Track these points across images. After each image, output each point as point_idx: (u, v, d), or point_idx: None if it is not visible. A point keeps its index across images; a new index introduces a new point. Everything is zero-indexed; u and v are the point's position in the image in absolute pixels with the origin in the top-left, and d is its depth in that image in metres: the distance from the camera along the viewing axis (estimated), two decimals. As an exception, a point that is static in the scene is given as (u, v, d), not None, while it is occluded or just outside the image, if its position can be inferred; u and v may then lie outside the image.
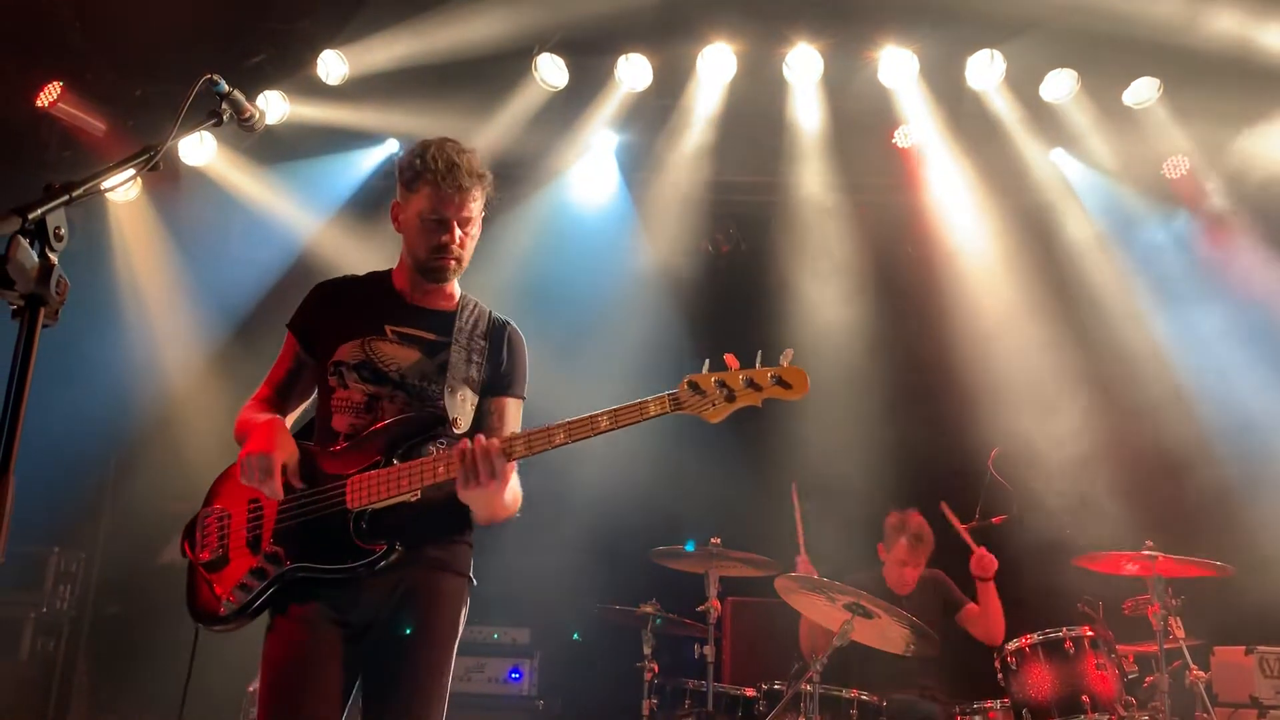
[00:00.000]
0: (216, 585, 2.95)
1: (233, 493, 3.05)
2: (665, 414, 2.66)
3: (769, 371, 2.63)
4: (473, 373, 3.03)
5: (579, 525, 6.65)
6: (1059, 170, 7.45)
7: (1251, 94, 6.55)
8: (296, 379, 3.17)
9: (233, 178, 7.33)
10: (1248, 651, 5.86)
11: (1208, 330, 7.00)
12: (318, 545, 2.84)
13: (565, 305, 6.85)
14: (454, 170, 2.96)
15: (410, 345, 3.03)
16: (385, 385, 2.97)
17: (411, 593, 2.88)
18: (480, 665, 6.57)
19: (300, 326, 3.17)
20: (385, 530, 2.83)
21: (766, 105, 7.22)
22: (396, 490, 2.79)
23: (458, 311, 3.13)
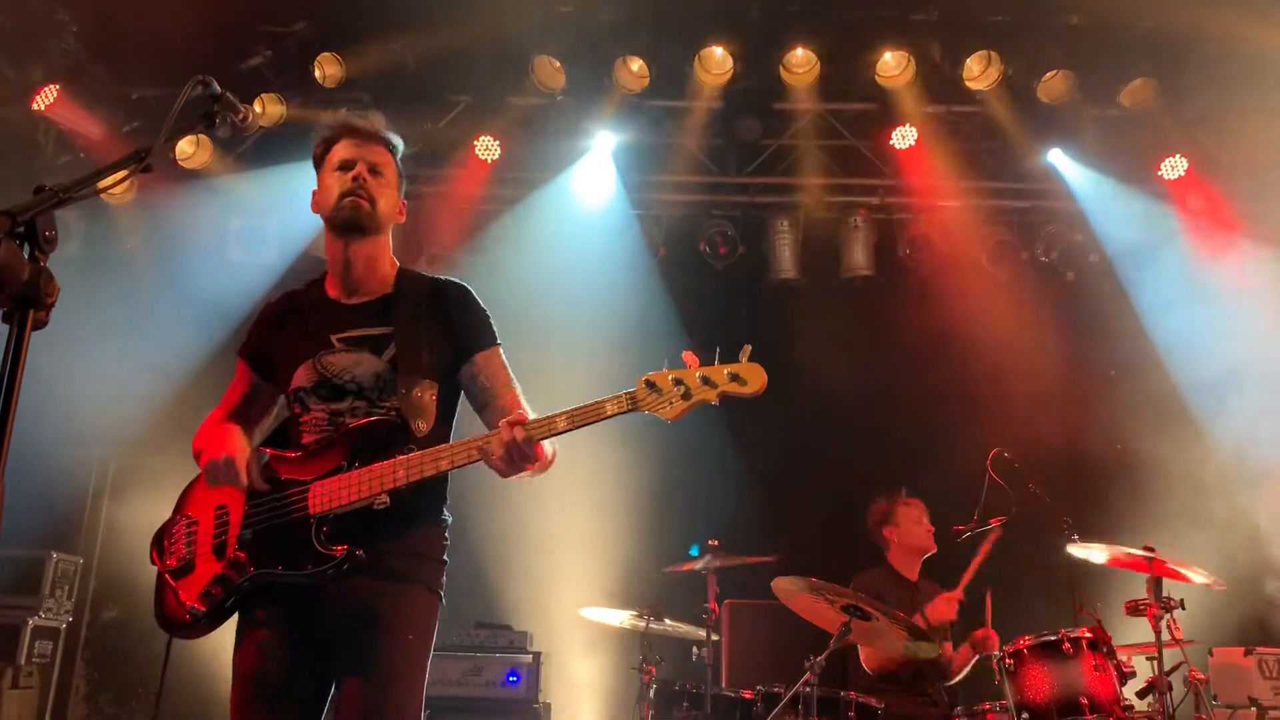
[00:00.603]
0: (182, 592, 2.94)
1: (200, 500, 3.04)
2: (624, 413, 2.64)
3: (725, 368, 2.62)
4: (424, 360, 2.95)
5: (578, 527, 6.64)
6: (1055, 170, 7.45)
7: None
8: (251, 403, 3.16)
9: (230, 181, 7.33)
10: (1246, 653, 5.87)
11: (1208, 332, 7.01)
12: (280, 551, 2.82)
13: (562, 308, 6.85)
14: (357, 120, 3.05)
15: (358, 348, 2.97)
16: (344, 399, 2.94)
17: (376, 606, 2.81)
18: (478, 668, 6.54)
19: (250, 355, 3.17)
20: (347, 535, 2.79)
21: (764, 106, 7.24)
22: (357, 495, 2.77)
23: (395, 293, 3.06)
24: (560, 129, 7.29)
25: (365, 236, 3.01)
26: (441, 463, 2.75)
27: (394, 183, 3.09)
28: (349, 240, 3.00)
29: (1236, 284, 7.15)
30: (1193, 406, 7.16)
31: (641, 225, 7.69)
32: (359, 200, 2.97)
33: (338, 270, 3.06)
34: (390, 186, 3.06)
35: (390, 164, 3.09)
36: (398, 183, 3.11)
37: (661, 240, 7.83)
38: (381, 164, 3.05)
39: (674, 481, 6.53)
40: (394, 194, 3.08)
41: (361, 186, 2.98)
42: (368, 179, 3.00)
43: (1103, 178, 7.36)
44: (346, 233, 3.00)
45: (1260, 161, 7.05)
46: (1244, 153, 7.18)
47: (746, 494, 7.01)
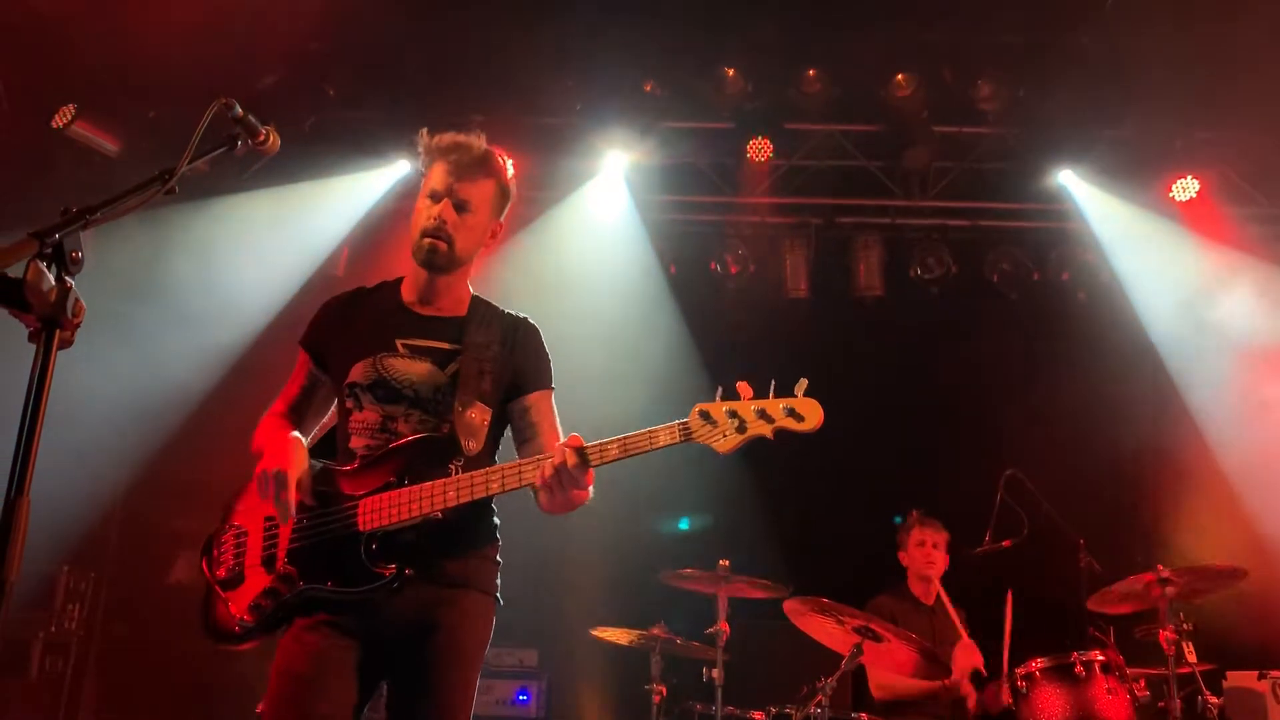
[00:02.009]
0: (232, 604, 2.93)
1: (249, 510, 3.03)
2: (676, 444, 2.62)
3: (781, 403, 2.57)
4: (485, 385, 2.97)
5: (588, 545, 6.64)
6: (1066, 191, 7.48)
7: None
8: (311, 396, 3.16)
9: (249, 196, 7.38)
10: (1260, 676, 5.83)
11: (1217, 350, 7.02)
12: (329, 567, 2.83)
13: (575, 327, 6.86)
14: (457, 148, 2.99)
15: (422, 358, 2.99)
16: (400, 404, 2.95)
17: (432, 612, 2.84)
18: (487, 687, 6.53)
19: (312, 344, 3.16)
20: (399, 551, 2.80)
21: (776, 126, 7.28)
22: (408, 514, 2.77)
23: (469, 317, 3.08)
24: (574, 148, 7.33)
25: (445, 273, 3.06)
26: (493, 485, 2.76)
27: (486, 212, 3.05)
28: (429, 272, 3.06)
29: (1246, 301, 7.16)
30: (1205, 426, 7.15)
31: (653, 244, 7.72)
32: (437, 244, 2.97)
33: (418, 284, 3.09)
34: (479, 218, 3.03)
35: (486, 193, 3.03)
36: (493, 209, 3.07)
37: (673, 259, 7.86)
38: (473, 197, 3.01)
39: (685, 500, 6.54)
40: (482, 225, 3.05)
41: (441, 228, 2.97)
42: (450, 218, 2.98)
43: (1113, 199, 7.38)
44: (424, 267, 3.04)
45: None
46: (1257, 173, 7.22)
47: (758, 513, 7.00)
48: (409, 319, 3.06)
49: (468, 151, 3.01)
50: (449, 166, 2.99)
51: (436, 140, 3.04)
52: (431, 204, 3.00)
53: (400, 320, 3.06)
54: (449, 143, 3.02)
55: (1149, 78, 6.64)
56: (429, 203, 3.00)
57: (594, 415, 3.04)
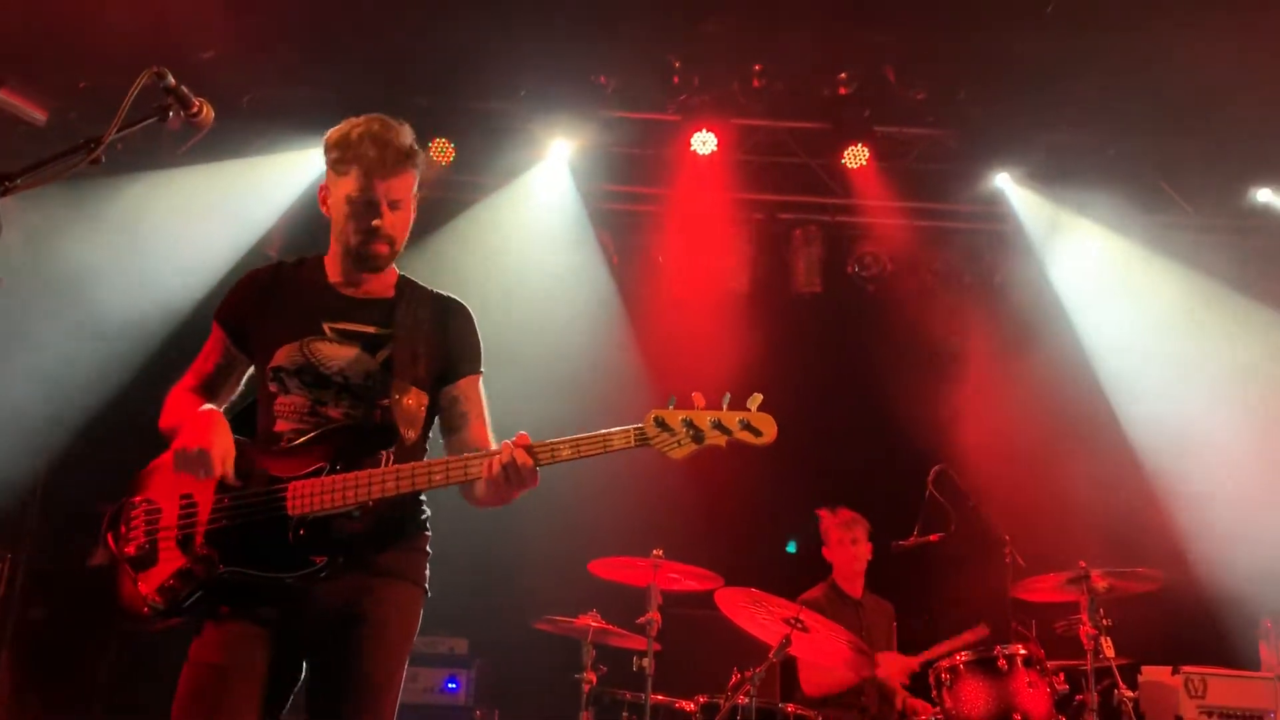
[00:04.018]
0: (141, 583, 2.81)
1: (163, 485, 2.89)
2: (630, 448, 2.62)
3: (737, 415, 2.59)
4: (420, 369, 2.91)
5: (520, 534, 6.61)
6: (1002, 193, 7.62)
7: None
8: (226, 374, 3.05)
9: (184, 172, 7.22)
10: (1174, 671, 6.00)
11: (1143, 350, 7.22)
12: (253, 550, 2.73)
13: (513, 313, 6.83)
14: (383, 150, 2.85)
15: (350, 342, 2.91)
16: (328, 389, 2.87)
17: (359, 602, 2.77)
18: (416, 675, 6.48)
19: (230, 321, 3.04)
20: (329, 538, 2.73)
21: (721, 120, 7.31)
22: (341, 501, 2.70)
23: (397, 298, 3.00)
24: (517, 135, 7.28)
25: (383, 270, 3.00)
26: (435, 477, 2.71)
27: (411, 202, 2.96)
28: (365, 271, 2.97)
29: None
30: (1130, 429, 7.35)
31: (596, 233, 7.71)
32: (379, 249, 2.90)
33: (345, 270, 2.99)
34: (408, 210, 2.96)
35: (412, 184, 2.95)
36: (414, 196, 2.97)
37: (616, 249, 7.86)
38: (403, 193, 2.92)
39: (619, 492, 6.52)
40: (411, 215, 2.98)
41: (380, 231, 2.88)
42: (389, 219, 2.90)
43: (1048, 202, 7.53)
44: (362, 269, 2.96)
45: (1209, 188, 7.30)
46: (1184, 182, 7.42)
47: (691, 507, 7.03)
48: (336, 301, 2.97)
49: (390, 148, 2.87)
50: (377, 167, 2.85)
51: (357, 138, 2.86)
52: (367, 210, 2.87)
53: (327, 302, 2.96)
54: (370, 145, 2.85)
55: (1086, 83, 6.77)
56: (362, 207, 2.87)
57: (532, 405, 3.02)
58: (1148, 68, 6.51)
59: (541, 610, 5.54)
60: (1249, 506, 6.74)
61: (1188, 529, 7.01)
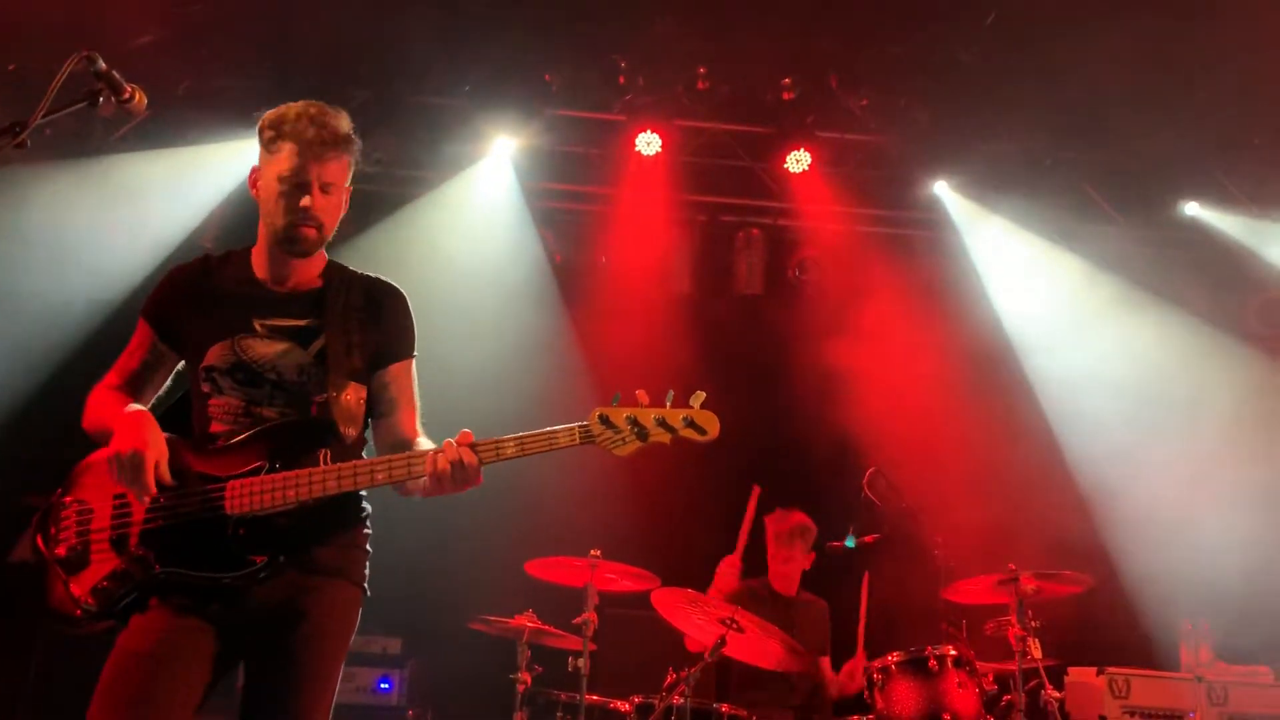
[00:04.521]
0: (73, 585, 2.74)
1: (95, 485, 2.82)
2: (575, 446, 2.61)
3: (681, 413, 2.60)
4: (356, 361, 2.87)
5: (456, 532, 6.56)
6: (940, 201, 7.75)
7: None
8: (152, 371, 2.97)
9: (118, 159, 7.05)
10: (1099, 672, 6.13)
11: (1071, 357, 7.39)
12: (190, 550, 2.68)
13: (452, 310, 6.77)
14: (320, 130, 2.80)
15: (282, 338, 2.85)
16: (262, 388, 2.82)
17: (299, 601, 2.73)
18: (349, 674, 6.40)
19: (157, 319, 2.96)
20: (267, 537, 2.69)
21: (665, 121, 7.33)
22: (281, 500, 2.66)
23: (326, 287, 2.94)
24: (461, 130, 7.23)
25: (309, 258, 2.93)
26: (378, 476, 2.68)
27: (343, 187, 2.90)
28: (294, 257, 2.91)
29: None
30: (1061, 434, 7.51)
31: (539, 231, 7.68)
32: (307, 232, 2.83)
33: (272, 260, 2.92)
34: (339, 195, 2.89)
35: (343, 167, 2.88)
36: (346, 180, 2.92)
37: (558, 247, 7.85)
38: (335, 177, 2.85)
39: (556, 493, 6.51)
40: (342, 201, 2.91)
41: (309, 214, 2.81)
42: (319, 203, 2.83)
43: (985, 210, 7.68)
44: (291, 254, 2.89)
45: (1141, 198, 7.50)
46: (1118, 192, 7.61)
47: (629, 507, 7.04)
48: (265, 296, 2.91)
49: (327, 129, 2.81)
50: (308, 148, 2.79)
51: (292, 116, 2.81)
52: (297, 191, 2.80)
53: (256, 298, 2.90)
54: (306, 123, 2.80)
55: (1024, 94, 6.90)
56: (292, 188, 2.80)
57: (472, 403, 2.99)
58: (1084, 80, 6.66)
59: (477, 610, 5.51)
60: (1171, 510, 6.92)
61: (1113, 533, 7.19)
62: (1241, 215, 7.54)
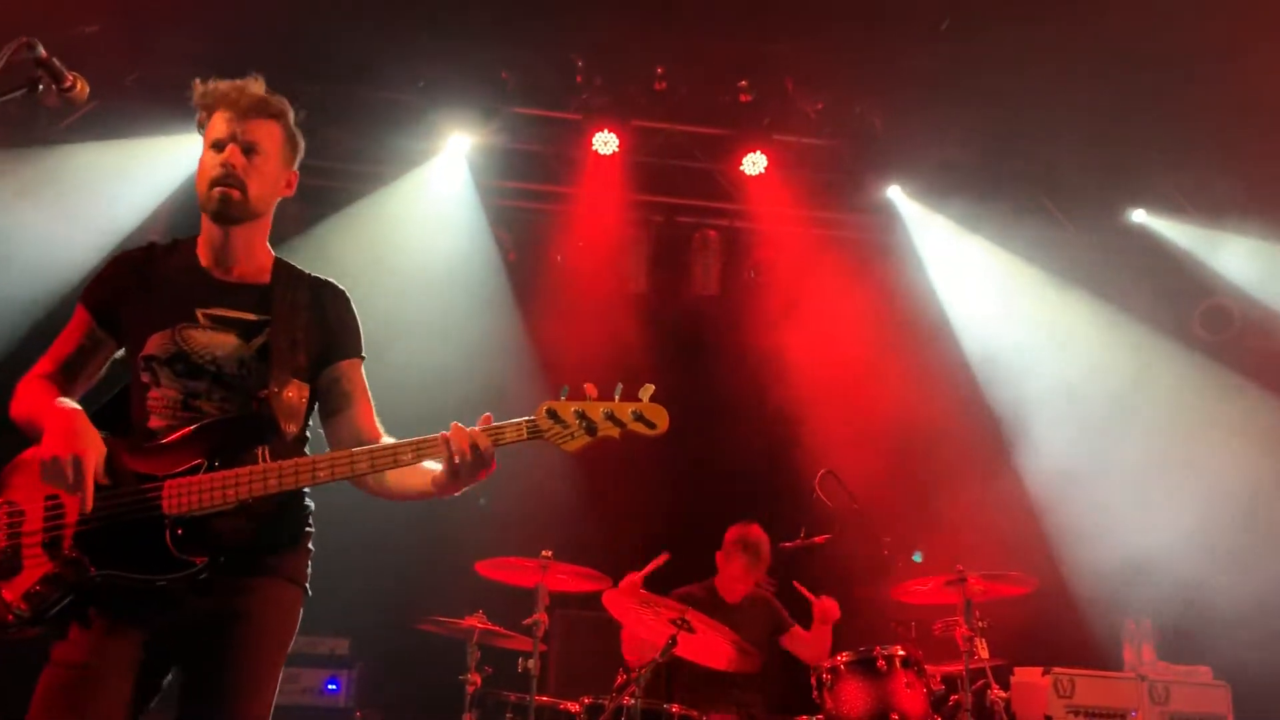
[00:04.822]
0: (4, 590, 2.65)
1: (25, 485, 2.72)
2: (522, 440, 2.58)
3: (630, 407, 2.57)
4: (300, 358, 2.82)
5: (405, 533, 6.50)
6: (893, 205, 7.82)
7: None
8: (87, 359, 2.88)
9: (55, 152, 6.90)
10: (1045, 672, 6.22)
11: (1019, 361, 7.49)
12: (127, 552, 2.61)
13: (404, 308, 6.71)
14: (239, 93, 2.81)
15: (225, 329, 2.80)
16: (202, 380, 2.76)
17: (237, 601, 2.68)
18: (296, 676, 6.33)
19: (98, 305, 2.88)
20: (207, 537, 2.63)
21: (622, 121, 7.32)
22: (221, 499, 2.60)
23: (273, 283, 2.89)
24: (414, 126, 7.16)
25: (242, 224, 2.86)
26: (320, 474, 2.63)
27: (276, 157, 2.86)
28: (224, 226, 2.85)
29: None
30: (1011, 439, 7.61)
31: (493, 229, 7.64)
32: (229, 192, 2.78)
33: (213, 245, 2.87)
34: (271, 163, 2.84)
35: (273, 135, 2.86)
36: (283, 154, 2.89)
37: (513, 246, 7.81)
38: (260, 139, 2.82)
39: (508, 493, 6.45)
40: (275, 171, 2.86)
41: (231, 174, 2.77)
42: (239, 162, 2.79)
43: (937, 215, 7.76)
44: (219, 221, 2.84)
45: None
46: (1066, 200, 7.72)
47: (581, 505, 7.03)
48: (209, 286, 2.85)
49: (247, 93, 2.84)
50: (231, 112, 2.81)
51: (212, 86, 2.85)
52: (216, 153, 2.81)
53: (200, 287, 2.84)
54: (226, 87, 2.85)
55: (978, 101, 6.97)
56: (214, 153, 2.81)
57: (420, 399, 2.95)
58: (1036, 88, 6.75)
59: (426, 610, 5.46)
60: (1115, 512, 7.04)
61: (1059, 534, 7.30)
62: (1187, 223, 7.69)
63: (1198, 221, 7.66)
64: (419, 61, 6.90)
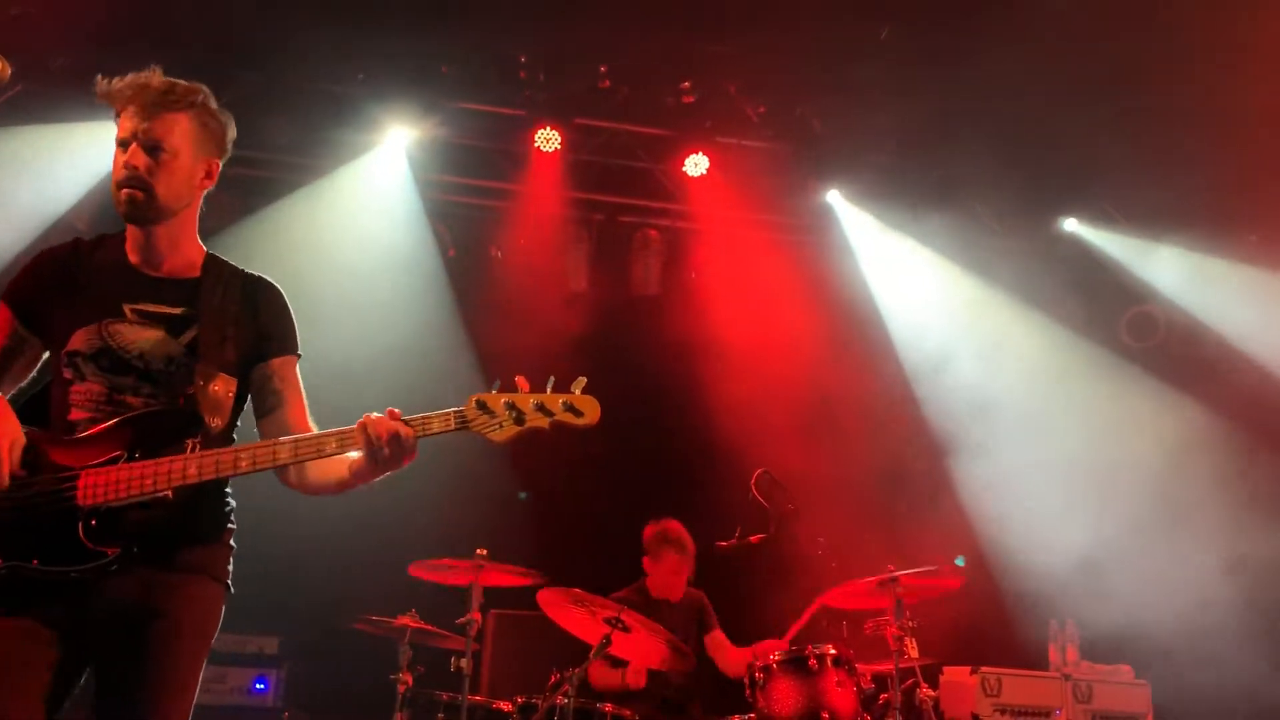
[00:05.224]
0: None
1: None
2: (450, 431, 2.55)
3: (560, 398, 2.56)
4: (229, 353, 2.77)
5: (338, 531, 6.41)
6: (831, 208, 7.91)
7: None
8: (12, 358, 2.81)
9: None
10: (973, 671, 6.32)
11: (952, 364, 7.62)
12: (37, 543, 2.55)
13: (341, 302, 6.62)
14: (140, 90, 2.71)
15: (153, 325, 2.74)
16: (128, 375, 2.70)
17: (155, 598, 2.62)
18: (223, 675, 6.22)
19: (21, 301, 2.81)
20: (123, 529, 2.57)
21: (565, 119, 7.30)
22: (139, 490, 2.55)
23: (203, 278, 2.83)
24: (353, 118, 7.07)
25: (155, 224, 2.77)
26: (241, 463, 2.58)
27: (187, 151, 2.74)
28: (139, 226, 2.77)
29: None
30: (945, 445, 7.74)
31: (432, 224, 7.57)
32: (134, 194, 2.70)
33: (138, 242, 2.81)
34: (180, 159, 2.73)
35: (181, 128, 2.74)
36: (195, 146, 2.77)
37: (452, 241, 7.74)
38: (165, 135, 2.71)
39: (441, 491, 6.40)
40: (186, 166, 2.75)
41: (134, 175, 2.69)
42: (141, 162, 2.70)
43: (874, 220, 7.86)
44: (130, 221, 2.76)
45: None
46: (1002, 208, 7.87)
47: (516, 503, 7.00)
48: (137, 281, 2.79)
49: (148, 88, 2.72)
50: (134, 109, 2.71)
51: (114, 84, 2.73)
52: (118, 151, 2.72)
53: (127, 283, 2.78)
54: (128, 83, 2.73)
55: (916, 109, 7.07)
56: (120, 151, 2.72)
57: (358, 397, 2.90)
58: (972, 97, 6.86)
59: (359, 609, 5.39)
60: (1041, 514, 7.18)
61: (987, 535, 7.44)
62: (1117, 232, 7.87)
63: (1127, 231, 7.84)
64: (360, 54, 6.80)
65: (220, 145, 2.87)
